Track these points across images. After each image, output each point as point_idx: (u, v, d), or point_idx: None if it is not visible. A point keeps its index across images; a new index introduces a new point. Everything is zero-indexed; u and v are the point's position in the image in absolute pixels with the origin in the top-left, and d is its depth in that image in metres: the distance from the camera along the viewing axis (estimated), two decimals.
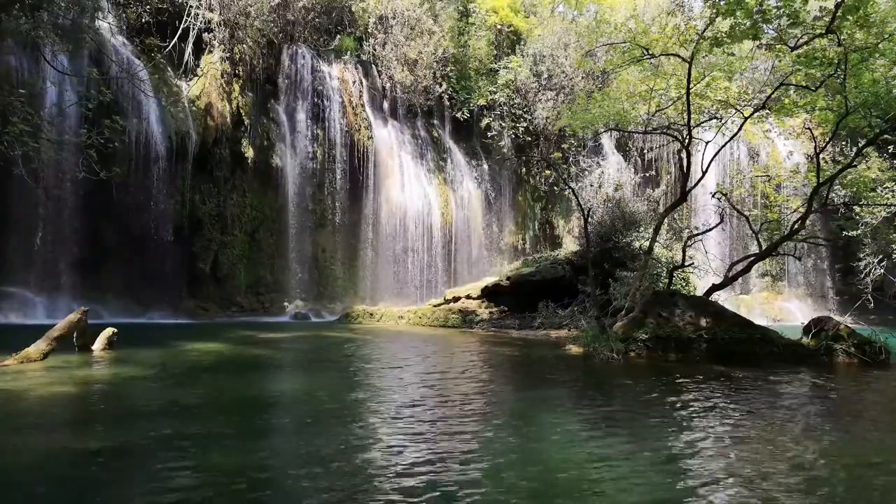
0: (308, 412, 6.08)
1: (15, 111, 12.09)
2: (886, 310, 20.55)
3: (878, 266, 21.06)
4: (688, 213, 26.14)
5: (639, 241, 17.61)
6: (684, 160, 13.77)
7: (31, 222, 16.31)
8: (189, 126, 19.03)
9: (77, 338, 9.08)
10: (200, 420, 5.47)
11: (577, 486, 3.88)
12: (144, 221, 17.88)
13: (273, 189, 21.40)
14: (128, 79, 16.33)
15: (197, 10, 19.59)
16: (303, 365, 9.98)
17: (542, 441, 4.95)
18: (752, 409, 6.39)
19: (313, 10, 22.95)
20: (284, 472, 4.11)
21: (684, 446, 4.88)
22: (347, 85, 23.10)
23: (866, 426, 5.94)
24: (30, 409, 5.73)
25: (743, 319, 11.26)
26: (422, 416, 5.77)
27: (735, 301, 23.75)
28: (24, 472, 4.01)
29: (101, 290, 16.84)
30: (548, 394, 7.37)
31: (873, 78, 11.01)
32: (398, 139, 24.42)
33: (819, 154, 12.95)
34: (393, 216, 23.37)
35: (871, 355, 9.96)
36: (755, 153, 28.00)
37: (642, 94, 14.42)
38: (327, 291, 22.18)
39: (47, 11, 13.83)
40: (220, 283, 20.09)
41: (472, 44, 26.39)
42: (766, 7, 10.57)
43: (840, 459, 4.61)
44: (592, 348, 10.39)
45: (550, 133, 26.37)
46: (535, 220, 27.74)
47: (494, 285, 18.77)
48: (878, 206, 17.32)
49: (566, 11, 27.94)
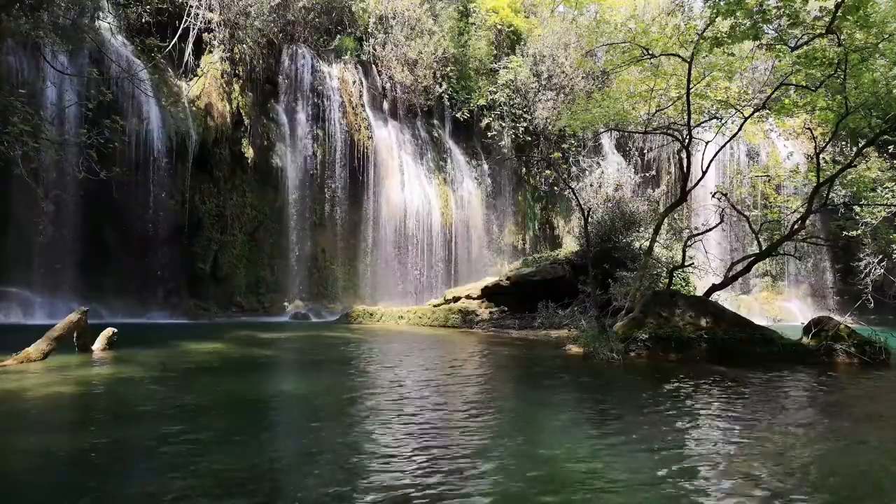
0: (308, 412, 6.08)
1: (15, 111, 12.08)
2: (886, 310, 20.56)
3: (878, 266, 21.05)
4: (688, 213, 26.12)
5: (639, 241, 17.61)
6: (684, 160, 13.77)
7: (31, 222, 16.30)
8: (189, 126, 19.03)
9: (77, 338, 9.08)
10: (200, 420, 5.47)
11: (578, 485, 3.88)
12: (144, 221, 17.88)
13: (273, 189, 21.41)
14: (128, 79, 16.34)
15: (197, 10, 19.58)
16: (303, 365, 9.98)
17: (542, 441, 4.95)
18: (752, 409, 6.39)
19: (313, 10, 22.94)
20: (284, 473, 4.12)
21: (684, 446, 4.88)
22: (347, 85, 23.11)
23: (866, 426, 5.93)
24: (29, 410, 5.73)
25: (743, 319, 11.25)
26: (422, 416, 5.77)
27: (735, 301, 23.75)
28: (23, 473, 4.01)
29: (101, 290, 16.85)
30: (547, 394, 7.37)
31: (873, 78, 11.01)
32: (398, 139, 24.42)
33: (819, 154, 12.96)
34: (393, 216, 23.37)
35: (871, 355, 9.96)
36: (755, 153, 28.01)
37: (642, 94, 14.42)
38: (327, 291, 22.18)
39: (47, 11, 13.83)
40: (220, 283, 20.09)
41: (472, 44, 26.39)
42: (766, 7, 10.57)
43: (840, 460, 4.61)
44: (592, 348, 10.39)
45: (550, 133, 26.37)
46: (535, 220, 27.74)
47: (494, 285, 18.77)
48: (878, 206, 17.32)
49: (566, 11, 27.91)
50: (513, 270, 19.59)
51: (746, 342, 10.34)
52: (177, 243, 18.74)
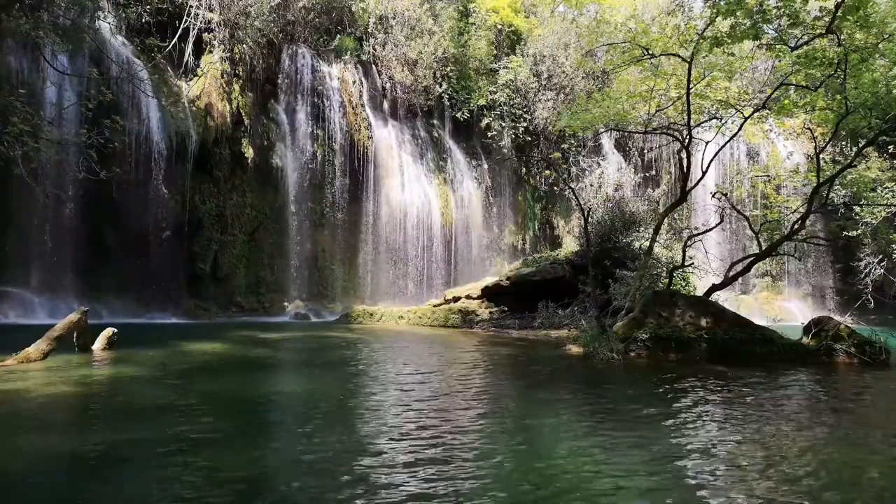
0: (308, 413, 6.08)
1: (15, 111, 12.07)
2: (886, 310, 20.55)
3: (878, 266, 21.04)
4: (688, 213, 26.12)
5: (639, 241, 17.61)
6: (684, 160, 13.77)
7: (30, 222, 16.30)
8: (189, 126, 19.03)
9: (77, 338, 9.08)
10: (200, 421, 5.46)
11: (577, 485, 3.88)
12: (144, 221, 17.87)
13: (273, 189, 21.40)
14: (128, 79, 16.32)
15: (197, 10, 19.58)
16: (303, 365, 9.98)
17: (542, 441, 4.95)
18: (752, 409, 6.39)
19: (313, 10, 22.94)
20: (284, 474, 4.11)
21: (684, 446, 4.88)
22: (347, 85, 23.10)
23: (866, 427, 5.93)
24: (29, 410, 5.72)
25: (743, 319, 11.25)
26: (421, 416, 5.77)
27: (735, 301, 23.72)
28: (23, 473, 4.01)
29: (101, 290, 16.83)
30: (548, 393, 7.37)
31: (873, 78, 11.01)
32: (398, 139, 24.41)
33: (819, 154, 12.95)
34: (393, 216, 23.37)
35: (871, 355, 9.96)
36: (755, 153, 28.00)
37: (642, 94, 14.42)
38: (327, 291, 22.18)
39: (47, 11, 13.82)
40: (220, 283, 20.09)
41: (472, 44, 26.39)
42: (766, 7, 10.57)
43: (839, 460, 4.61)
44: (592, 348, 10.39)
45: (550, 133, 26.37)
46: (535, 220, 27.74)
47: (494, 285, 18.77)
48: (878, 206, 17.32)
49: (566, 11, 27.93)
50: (513, 270, 19.59)
51: (746, 342, 10.34)
52: (177, 243, 18.72)
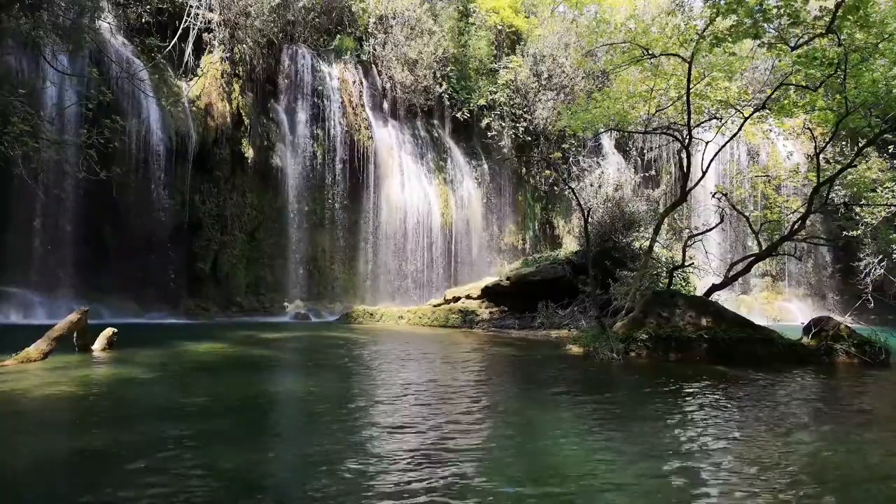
0: (308, 413, 6.08)
1: (15, 111, 12.08)
2: (886, 310, 20.54)
3: (878, 266, 21.05)
4: (688, 213, 26.13)
5: (639, 241, 17.61)
6: (684, 160, 13.77)
7: (31, 222, 16.29)
8: (189, 126, 19.03)
9: (77, 338, 9.07)
10: (200, 421, 5.46)
11: (577, 485, 3.88)
12: (144, 221, 17.86)
13: (273, 189, 21.40)
14: (128, 79, 16.33)
15: (197, 10, 19.59)
16: (303, 365, 9.98)
17: (542, 440, 4.95)
18: (752, 409, 6.38)
19: (313, 10, 22.95)
20: (284, 474, 4.11)
21: (683, 446, 4.87)
22: (347, 85, 23.10)
23: (867, 427, 5.93)
24: (29, 410, 5.72)
25: (743, 319, 11.25)
26: (421, 415, 5.77)
27: (735, 301, 23.74)
28: (22, 474, 4.00)
29: (101, 290, 16.82)
30: (548, 393, 7.37)
31: (873, 78, 11.00)
32: (398, 139, 24.41)
33: (819, 154, 12.95)
34: (393, 216, 23.36)
35: (871, 355, 9.96)
36: (755, 153, 28.00)
37: (642, 94, 14.42)
38: (327, 291, 22.17)
39: (47, 11, 13.83)
40: (220, 283, 20.09)
41: (472, 44, 26.38)
42: (767, 7, 10.57)
43: (839, 460, 4.61)
44: (592, 348, 10.39)
45: (550, 133, 26.35)
46: (535, 220, 27.73)
47: (494, 285, 18.76)
48: (878, 206, 17.33)
49: (566, 11, 27.93)
50: (513, 270, 19.58)
51: (746, 342, 10.33)
52: (177, 243, 18.71)
